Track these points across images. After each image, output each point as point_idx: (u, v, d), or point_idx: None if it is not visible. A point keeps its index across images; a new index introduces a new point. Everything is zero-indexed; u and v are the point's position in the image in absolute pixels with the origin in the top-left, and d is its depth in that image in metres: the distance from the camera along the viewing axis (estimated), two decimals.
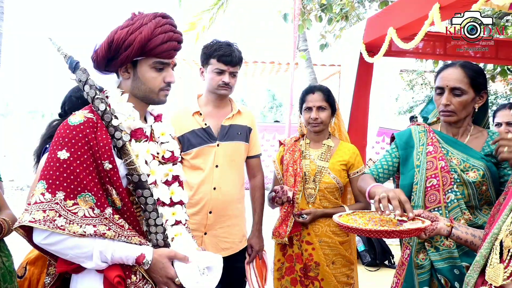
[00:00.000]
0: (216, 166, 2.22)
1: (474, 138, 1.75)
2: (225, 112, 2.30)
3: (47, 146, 1.90)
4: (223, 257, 1.51)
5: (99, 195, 1.29)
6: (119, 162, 1.35)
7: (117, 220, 1.31)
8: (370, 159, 7.45)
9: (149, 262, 1.32)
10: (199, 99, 2.34)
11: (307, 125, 2.35)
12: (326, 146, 2.34)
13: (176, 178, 1.52)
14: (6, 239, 1.70)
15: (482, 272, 1.22)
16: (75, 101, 1.97)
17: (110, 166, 1.31)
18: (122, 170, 1.36)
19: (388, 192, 1.47)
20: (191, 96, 2.38)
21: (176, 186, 1.51)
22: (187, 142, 2.22)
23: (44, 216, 1.22)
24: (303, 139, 2.42)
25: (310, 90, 2.34)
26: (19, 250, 1.93)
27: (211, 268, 1.42)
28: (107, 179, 1.31)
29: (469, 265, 1.62)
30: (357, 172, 2.32)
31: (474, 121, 1.81)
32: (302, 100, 2.35)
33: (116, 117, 1.36)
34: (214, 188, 2.22)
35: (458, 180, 1.68)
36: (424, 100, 11.28)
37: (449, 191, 1.68)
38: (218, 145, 2.23)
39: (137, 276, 1.34)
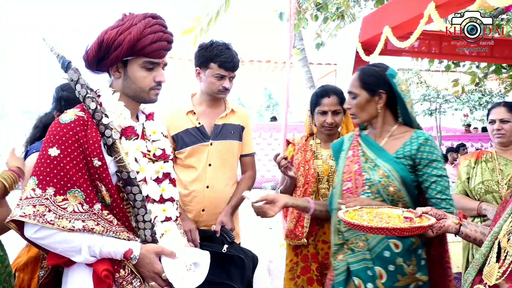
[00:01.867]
0: (209, 164, 2.24)
1: (393, 139, 1.74)
2: (219, 112, 2.32)
3: (29, 148, 1.94)
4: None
5: (88, 191, 1.32)
6: (109, 159, 1.37)
7: (106, 216, 1.34)
8: None
9: (137, 257, 1.35)
10: (193, 98, 2.35)
11: (321, 127, 2.33)
12: None
13: (167, 175, 1.54)
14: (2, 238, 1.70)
15: (481, 271, 1.22)
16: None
17: (100, 163, 1.34)
18: (112, 167, 1.38)
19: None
20: (186, 95, 2.39)
21: (167, 183, 1.53)
22: (180, 141, 2.23)
23: (34, 211, 1.25)
24: (313, 139, 2.41)
25: (325, 93, 2.29)
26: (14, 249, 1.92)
27: (198, 264, 1.45)
28: (96, 176, 1.34)
29: (381, 269, 1.61)
30: None
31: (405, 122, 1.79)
32: (316, 102, 2.31)
33: (106, 116, 1.39)
34: (207, 187, 2.24)
35: (369, 180, 1.69)
36: (420, 99, 11.31)
37: (362, 192, 1.71)
38: (211, 144, 2.25)
39: (126, 270, 1.36)
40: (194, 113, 2.26)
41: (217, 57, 2.18)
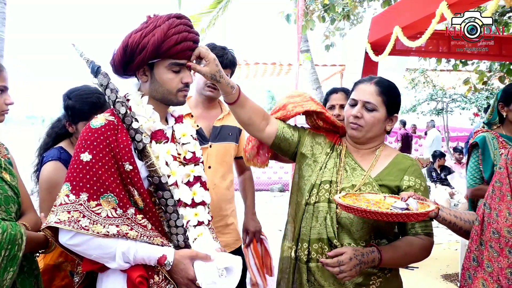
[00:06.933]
0: (209, 167, 2.24)
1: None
2: (216, 114, 2.33)
3: (44, 155, 1.88)
4: None
5: (121, 195, 1.30)
6: (140, 164, 1.36)
7: (140, 220, 1.32)
8: None
9: (171, 263, 1.33)
10: (189, 101, 2.34)
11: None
12: None
13: (198, 178, 1.52)
14: None
15: None
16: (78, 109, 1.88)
17: (131, 167, 1.32)
18: (144, 172, 1.36)
19: None
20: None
21: (198, 187, 1.51)
22: None
23: (69, 217, 1.24)
24: None
25: (333, 90, 2.47)
26: None
27: (231, 269, 1.41)
28: (128, 180, 1.33)
29: None
30: None
31: None
32: (325, 100, 2.46)
33: (136, 120, 1.37)
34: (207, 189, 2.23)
35: None
36: (427, 99, 11.30)
37: None
38: (210, 146, 2.26)
39: (160, 276, 1.34)
40: (192, 116, 2.25)
41: None
